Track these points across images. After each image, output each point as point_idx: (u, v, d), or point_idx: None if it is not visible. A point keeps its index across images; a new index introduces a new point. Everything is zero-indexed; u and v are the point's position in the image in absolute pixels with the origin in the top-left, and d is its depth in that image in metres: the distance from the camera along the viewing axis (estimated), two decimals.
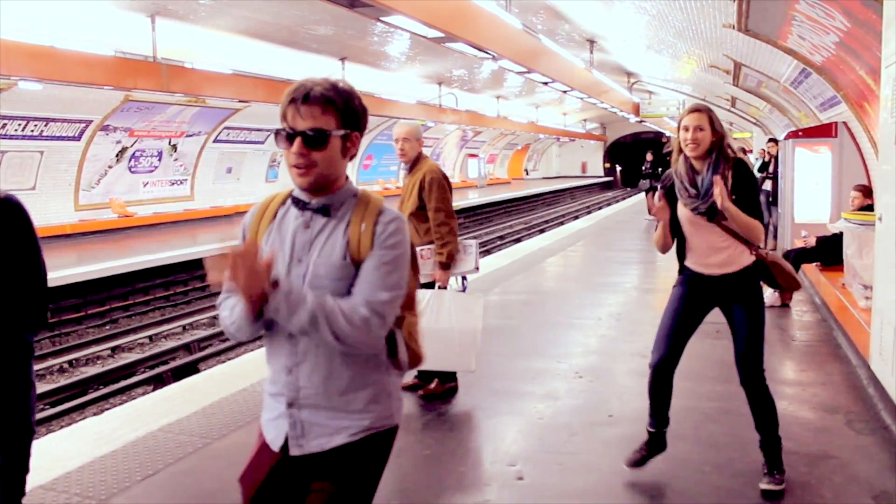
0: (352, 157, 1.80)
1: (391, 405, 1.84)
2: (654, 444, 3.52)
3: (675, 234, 3.43)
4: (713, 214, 3.23)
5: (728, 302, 3.38)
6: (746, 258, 3.30)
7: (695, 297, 3.40)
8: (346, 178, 1.82)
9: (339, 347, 1.69)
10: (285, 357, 1.77)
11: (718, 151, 3.25)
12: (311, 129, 1.69)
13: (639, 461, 3.50)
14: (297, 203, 1.80)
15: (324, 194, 1.78)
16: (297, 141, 1.69)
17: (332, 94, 1.71)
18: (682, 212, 3.33)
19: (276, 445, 1.82)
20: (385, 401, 1.82)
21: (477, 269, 4.85)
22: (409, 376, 4.77)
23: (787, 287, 3.47)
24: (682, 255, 3.45)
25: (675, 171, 3.35)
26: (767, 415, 3.40)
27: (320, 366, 1.75)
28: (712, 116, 3.26)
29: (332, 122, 1.72)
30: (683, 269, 3.46)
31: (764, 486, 3.34)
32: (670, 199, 3.35)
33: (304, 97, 1.70)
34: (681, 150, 3.31)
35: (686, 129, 3.23)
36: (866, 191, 7.29)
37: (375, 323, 1.68)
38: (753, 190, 3.31)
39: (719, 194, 3.09)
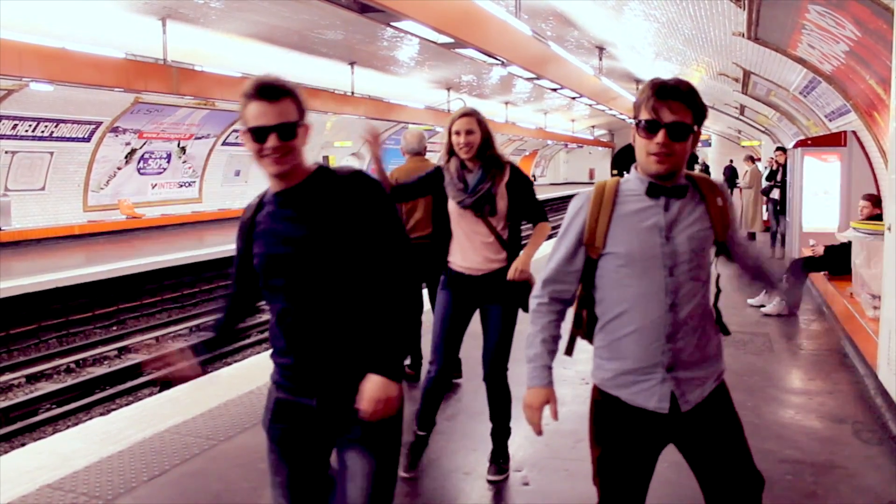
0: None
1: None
2: (421, 446, 3.69)
3: (444, 231, 3.55)
4: (479, 208, 3.34)
5: (485, 301, 3.50)
6: (504, 257, 3.41)
7: (459, 300, 3.52)
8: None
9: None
10: (665, 328, 1.98)
11: (487, 151, 3.38)
12: (675, 123, 1.92)
13: (411, 464, 3.64)
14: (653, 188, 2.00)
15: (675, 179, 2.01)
16: (662, 132, 1.91)
17: (686, 90, 1.95)
18: (452, 206, 3.44)
19: (663, 409, 2.02)
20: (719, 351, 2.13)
21: None
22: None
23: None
24: (445, 253, 3.55)
25: (445, 168, 3.46)
26: (505, 407, 3.58)
27: (694, 328, 2.01)
28: (480, 118, 3.39)
29: (688, 117, 1.93)
30: (446, 270, 3.56)
31: (491, 477, 3.57)
32: (436, 183, 3.49)
33: (668, 93, 1.93)
34: (450, 152, 3.43)
35: (458, 134, 3.35)
36: (875, 200, 7.26)
37: None
38: (530, 190, 3.47)
39: (517, 271, 3.32)
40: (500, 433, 3.62)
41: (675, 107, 1.90)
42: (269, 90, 1.95)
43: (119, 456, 3.93)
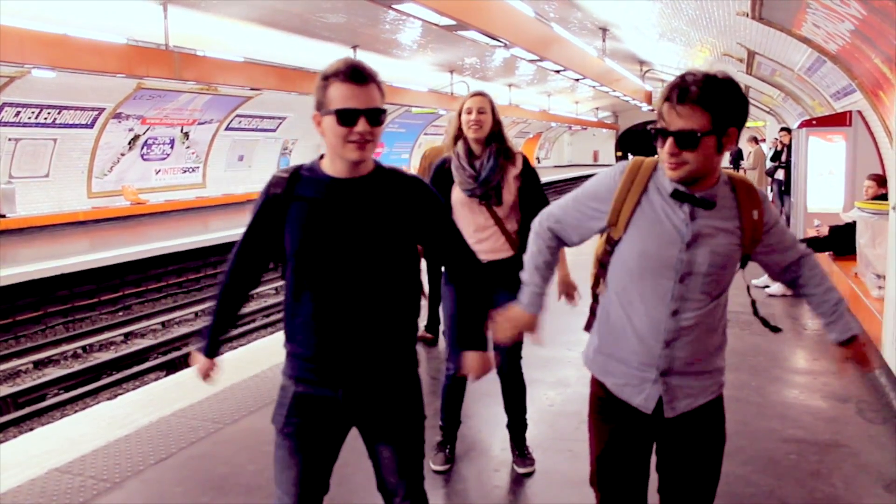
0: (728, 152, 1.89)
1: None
2: (450, 441, 3.66)
3: None
4: (485, 197, 3.27)
5: (492, 290, 3.34)
6: (507, 248, 3.33)
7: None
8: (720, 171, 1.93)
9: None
10: (664, 332, 1.92)
11: (499, 140, 3.30)
12: (683, 132, 1.77)
13: (449, 458, 3.60)
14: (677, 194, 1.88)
15: (703, 187, 1.88)
16: (668, 141, 1.79)
17: (701, 91, 1.75)
18: (456, 195, 3.32)
19: (647, 409, 1.99)
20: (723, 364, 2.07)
21: None
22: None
23: None
24: None
25: (453, 153, 3.35)
26: (520, 398, 3.56)
27: (694, 339, 1.94)
28: (492, 102, 3.32)
29: (702, 122, 1.76)
30: None
31: (521, 470, 3.52)
32: (443, 182, 3.33)
33: (678, 96, 1.77)
34: (457, 136, 3.33)
35: (469, 112, 3.27)
36: (880, 180, 7.23)
37: None
38: (538, 183, 3.37)
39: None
40: (518, 426, 3.58)
41: (684, 111, 1.75)
42: (359, 73, 1.89)
43: (126, 440, 3.97)
